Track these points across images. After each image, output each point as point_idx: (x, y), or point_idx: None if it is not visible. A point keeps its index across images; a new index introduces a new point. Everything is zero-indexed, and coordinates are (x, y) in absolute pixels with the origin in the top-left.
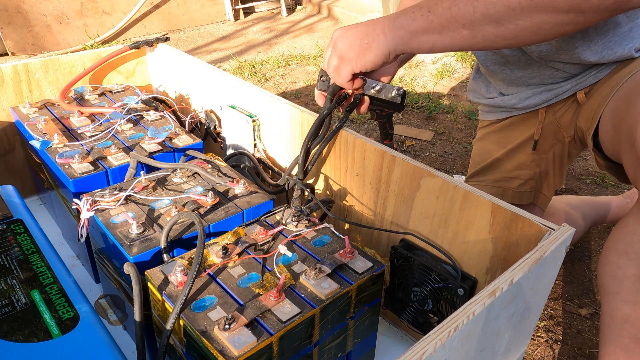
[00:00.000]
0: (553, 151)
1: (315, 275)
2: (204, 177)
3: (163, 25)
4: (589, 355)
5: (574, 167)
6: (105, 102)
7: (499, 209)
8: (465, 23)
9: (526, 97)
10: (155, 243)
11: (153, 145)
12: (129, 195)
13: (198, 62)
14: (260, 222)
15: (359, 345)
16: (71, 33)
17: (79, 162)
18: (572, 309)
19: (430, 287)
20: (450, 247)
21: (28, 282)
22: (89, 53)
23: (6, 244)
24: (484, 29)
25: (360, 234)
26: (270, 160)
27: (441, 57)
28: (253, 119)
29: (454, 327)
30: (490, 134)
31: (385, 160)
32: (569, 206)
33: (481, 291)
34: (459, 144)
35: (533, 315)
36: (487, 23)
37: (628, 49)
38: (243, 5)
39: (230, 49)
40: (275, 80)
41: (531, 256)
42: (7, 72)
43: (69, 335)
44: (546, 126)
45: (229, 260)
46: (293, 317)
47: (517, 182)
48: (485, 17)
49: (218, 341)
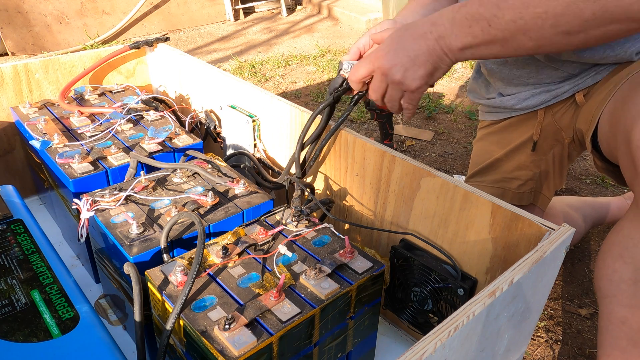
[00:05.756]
0: (553, 152)
1: (315, 275)
2: (204, 177)
3: (163, 25)
4: (589, 355)
5: (574, 168)
6: (105, 102)
7: (499, 209)
8: (533, 36)
9: (525, 98)
10: (155, 243)
11: (153, 145)
12: (129, 195)
13: (198, 62)
14: (260, 222)
15: (359, 345)
16: (71, 33)
17: (79, 162)
18: (572, 309)
19: (430, 287)
20: (450, 247)
21: (28, 282)
22: (89, 53)
23: (6, 244)
24: (552, 40)
25: (360, 234)
26: (270, 160)
27: None
28: (253, 119)
29: (454, 327)
30: (490, 134)
31: (385, 160)
32: (569, 207)
33: (481, 291)
34: (459, 144)
35: (533, 315)
36: (557, 34)
37: (630, 51)
38: (243, 5)
39: (230, 49)
40: (275, 80)
41: (531, 256)
42: (7, 72)
43: (69, 335)
44: (545, 127)
45: (229, 260)
46: (293, 317)
47: (516, 182)
48: (555, 29)
49: (218, 341)
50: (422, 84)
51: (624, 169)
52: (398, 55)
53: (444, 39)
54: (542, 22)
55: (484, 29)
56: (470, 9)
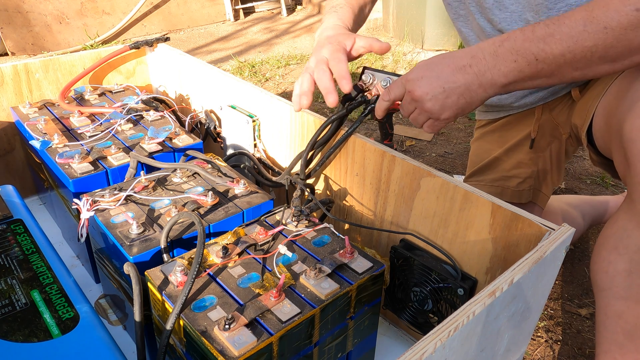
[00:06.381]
0: (550, 149)
1: (315, 275)
2: (204, 177)
3: (163, 25)
4: (589, 355)
5: (574, 167)
6: (105, 102)
7: (498, 209)
8: (580, 66)
9: (523, 96)
10: (155, 243)
11: (153, 145)
12: (129, 195)
13: (198, 62)
14: (260, 222)
15: (359, 345)
16: (71, 33)
17: (79, 162)
18: (572, 309)
19: (430, 287)
20: (450, 247)
21: (28, 282)
22: (89, 53)
23: (6, 244)
24: (597, 68)
25: (360, 234)
26: (270, 160)
27: None
28: (253, 119)
29: (454, 327)
30: (487, 133)
31: (385, 160)
32: (568, 205)
33: (481, 291)
34: (459, 144)
35: (533, 315)
36: (603, 63)
37: None
38: (243, 5)
39: (230, 49)
40: (275, 80)
41: (531, 256)
42: (7, 72)
43: (69, 335)
44: (543, 124)
45: (229, 260)
46: (293, 317)
47: (515, 180)
48: (603, 59)
49: (218, 341)
50: (451, 116)
51: (617, 162)
52: (432, 84)
53: (484, 74)
54: (591, 54)
55: (531, 63)
56: (515, 44)
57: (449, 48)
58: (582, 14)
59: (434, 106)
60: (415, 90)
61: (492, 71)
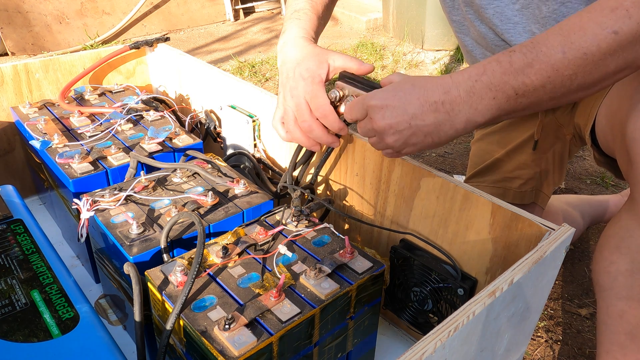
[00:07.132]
0: (553, 150)
1: (315, 275)
2: (204, 177)
3: (163, 25)
4: (589, 355)
5: (574, 167)
6: (105, 102)
7: (499, 209)
8: (557, 96)
9: None
10: (155, 243)
11: (153, 145)
12: (129, 195)
13: (198, 62)
14: (260, 222)
15: (359, 345)
16: (71, 33)
17: (79, 162)
18: (572, 309)
19: (430, 287)
20: (450, 247)
21: (28, 282)
22: (89, 53)
23: (6, 244)
24: (572, 96)
25: (360, 234)
26: (270, 160)
27: (441, 57)
28: (253, 119)
29: (454, 327)
30: (489, 134)
31: (385, 160)
32: (567, 205)
33: (481, 291)
34: (459, 144)
35: (533, 315)
36: (581, 90)
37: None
38: (243, 5)
39: (230, 49)
40: (275, 80)
41: (531, 256)
42: (7, 72)
43: (69, 335)
44: (546, 125)
45: (229, 260)
46: (293, 317)
47: (518, 182)
48: (582, 87)
49: (218, 341)
50: (414, 151)
51: (620, 161)
52: (397, 117)
53: (458, 115)
54: (570, 82)
55: (510, 98)
56: (493, 78)
57: (449, 48)
58: (558, 39)
59: (396, 142)
60: (378, 121)
61: (468, 111)
